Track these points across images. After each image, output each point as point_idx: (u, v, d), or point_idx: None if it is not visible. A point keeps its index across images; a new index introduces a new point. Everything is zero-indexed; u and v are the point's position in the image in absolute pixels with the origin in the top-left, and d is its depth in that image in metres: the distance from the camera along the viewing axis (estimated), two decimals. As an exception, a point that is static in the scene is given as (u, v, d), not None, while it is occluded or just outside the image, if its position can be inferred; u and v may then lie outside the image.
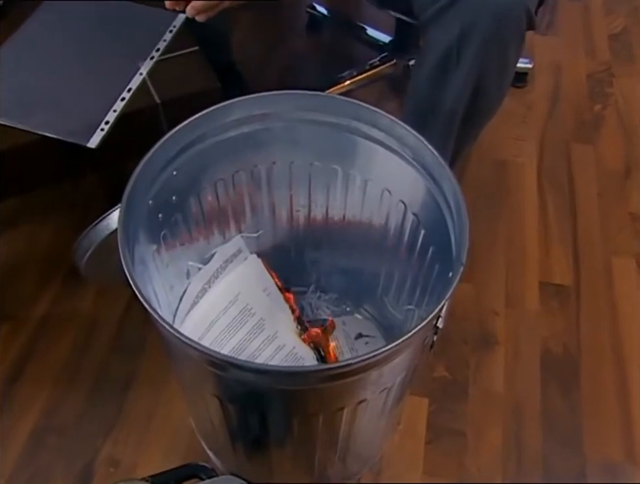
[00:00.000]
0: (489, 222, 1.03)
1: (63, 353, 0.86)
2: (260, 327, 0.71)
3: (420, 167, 0.63)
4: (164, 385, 0.83)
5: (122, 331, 0.88)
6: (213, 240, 0.75)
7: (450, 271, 0.55)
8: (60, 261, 0.92)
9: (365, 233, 0.76)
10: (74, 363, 0.85)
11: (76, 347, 0.87)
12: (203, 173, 0.68)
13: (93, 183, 0.99)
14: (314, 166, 0.71)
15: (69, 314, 0.89)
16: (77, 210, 0.97)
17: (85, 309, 0.90)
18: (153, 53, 0.80)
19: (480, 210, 1.03)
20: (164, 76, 0.80)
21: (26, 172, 0.88)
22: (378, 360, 0.50)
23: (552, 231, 1.02)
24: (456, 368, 0.87)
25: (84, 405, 0.82)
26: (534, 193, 1.07)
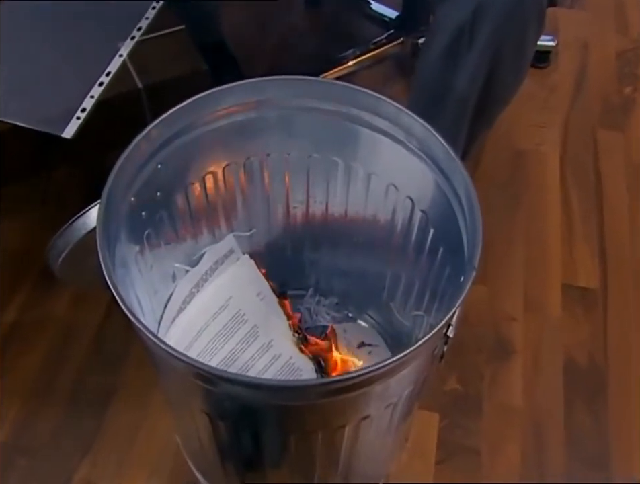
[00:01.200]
0: (506, 218, 1.04)
1: (35, 365, 0.86)
2: (253, 335, 0.72)
3: (428, 160, 0.64)
4: (148, 399, 0.84)
5: (100, 340, 0.89)
6: (202, 239, 0.75)
7: (462, 274, 0.56)
8: (32, 262, 0.93)
9: (369, 232, 0.77)
10: (47, 375, 0.86)
11: (50, 358, 0.87)
12: (190, 167, 0.69)
13: (68, 177, 0.99)
14: (312, 158, 0.72)
15: (42, 321, 0.90)
16: (51, 206, 0.98)
17: (59, 315, 0.91)
18: (134, 32, 0.80)
19: (496, 206, 1.04)
20: (146, 58, 0.81)
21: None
22: (384, 372, 0.51)
23: (577, 228, 1.03)
24: (470, 380, 0.88)
25: (58, 422, 0.83)
26: (556, 186, 1.08)
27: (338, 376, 0.54)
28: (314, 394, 0.51)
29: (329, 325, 0.82)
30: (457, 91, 0.79)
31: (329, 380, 0.53)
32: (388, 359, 0.49)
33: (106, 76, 0.76)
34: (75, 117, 0.72)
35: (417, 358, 0.55)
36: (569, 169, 1.10)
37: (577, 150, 1.13)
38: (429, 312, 0.72)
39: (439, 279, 0.68)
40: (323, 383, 0.52)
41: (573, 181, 1.09)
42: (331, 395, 0.51)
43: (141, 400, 0.84)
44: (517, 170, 1.10)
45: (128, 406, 0.84)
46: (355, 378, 0.49)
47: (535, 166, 1.11)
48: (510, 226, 1.03)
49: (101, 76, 0.76)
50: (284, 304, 0.77)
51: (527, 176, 1.09)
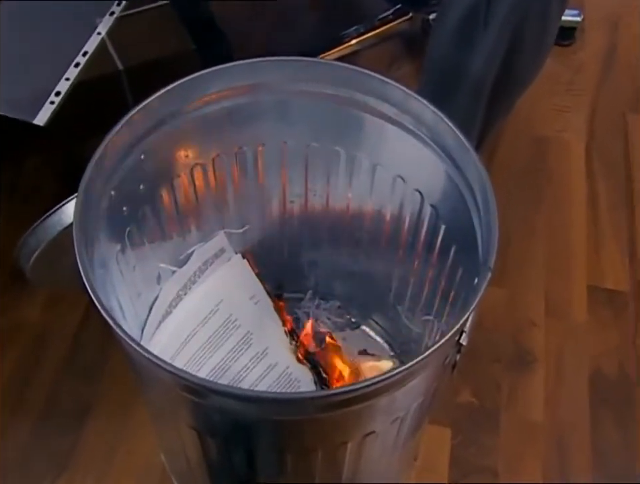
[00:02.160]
0: (526, 214, 1.04)
1: (4, 375, 0.87)
2: (247, 343, 0.73)
3: (439, 149, 0.64)
4: (129, 414, 0.85)
5: (77, 348, 0.90)
6: (190, 237, 0.76)
7: (476, 275, 0.56)
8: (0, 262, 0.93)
9: (373, 228, 0.77)
10: (17, 387, 0.86)
11: (21, 368, 0.88)
12: (177, 157, 0.69)
13: (41, 168, 1.00)
14: (311, 148, 0.73)
15: (12, 327, 0.90)
16: (21, 201, 0.98)
17: (31, 321, 0.91)
18: (114, 8, 0.80)
19: (514, 200, 1.04)
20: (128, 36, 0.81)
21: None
22: (390, 384, 0.51)
23: (604, 224, 1.04)
24: (485, 392, 0.88)
25: (30, 439, 0.83)
26: (581, 178, 1.08)
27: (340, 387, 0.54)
28: (314, 408, 0.52)
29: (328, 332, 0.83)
30: (472, 73, 0.80)
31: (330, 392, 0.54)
32: (395, 369, 0.50)
33: (83, 56, 0.76)
34: (48, 101, 0.72)
35: (426, 368, 0.55)
36: (596, 158, 1.11)
37: (604, 137, 1.13)
38: (440, 317, 0.72)
39: (451, 280, 0.68)
40: (323, 395, 0.53)
41: (600, 171, 1.09)
42: (331, 409, 0.52)
43: (122, 414, 0.85)
44: (538, 160, 1.10)
45: (107, 421, 0.84)
46: (358, 390, 0.50)
47: (558, 155, 1.11)
48: (530, 223, 1.03)
49: (77, 56, 0.76)
50: (281, 309, 0.77)
51: (549, 166, 1.10)
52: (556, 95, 1.17)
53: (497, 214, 0.57)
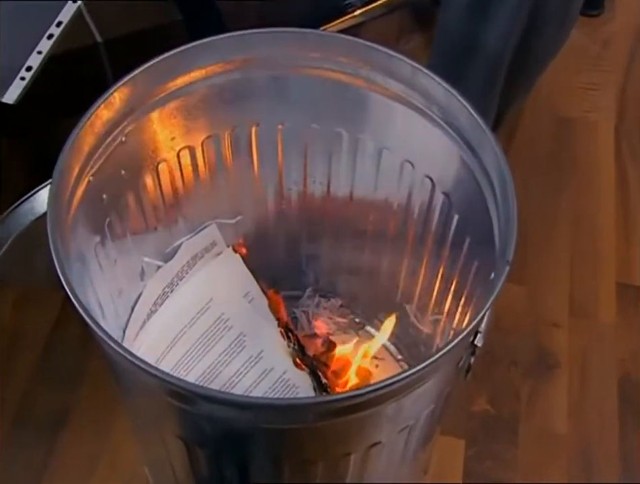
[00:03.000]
0: (548, 203, 1.04)
1: (-27, 381, 0.87)
2: (239, 345, 0.73)
3: (453, 131, 0.64)
4: (110, 423, 0.85)
5: (52, 352, 0.90)
6: (177, 229, 0.76)
7: (493, 271, 0.56)
8: (-33, 256, 0.94)
9: (379, 219, 0.77)
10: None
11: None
12: (162, 140, 0.69)
13: (11, 151, 1.00)
14: (311, 129, 0.73)
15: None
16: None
17: (1, 322, 0.91)
18: (92, -26, 0.81)
19: (535, 187, 1.04)
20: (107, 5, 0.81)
21: None
22: (397, 389, 0.51)
23: (635, 214, 1.04)
24: (503, 400, 0.88)
25: (1, 450, 0.83)
26: (609, 163, 1.09)
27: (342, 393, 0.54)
28: (314, 416, 0.52)
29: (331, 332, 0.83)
30: (488, 46, 0.80)
31: (331, 397, 0.54)
32: (403, 372, 0.50)
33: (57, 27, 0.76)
34: (19, 77, 0.72)
35: (437, 372, 0.55)
36: (626, 141, 1.11)
37: (635, 118, 1.13)
38: (453, 316, 0.72)
39: (465, 276, 0.68)
40: (323, 401, 0.53)
41: (630, 156, 1.09)
42: (333, 417, 0.52)
43: (102, 423, 0.85)
44: (562, 143, 1.10)
45: (86, 431, 0.85)
46: (362, 396, 0.50)
47: (584, 138, 1.11)
48: (553, 212, 1.03)
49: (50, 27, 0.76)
50: (277, 308, 0.77)
51: (574, 150, 1.10)
52: (583, 72, 1.17)
53: (516, 203, 0.57)
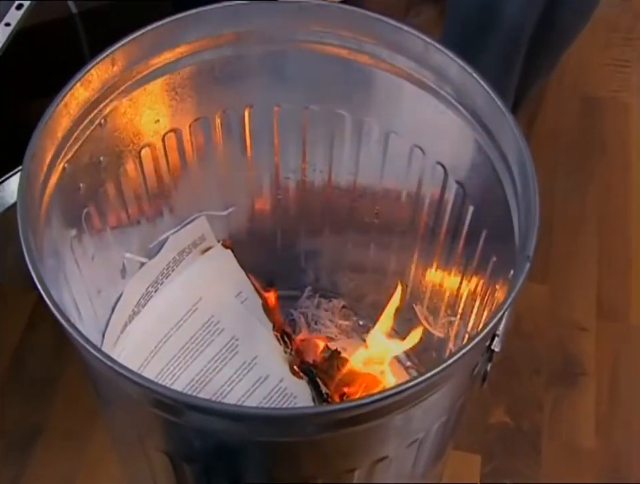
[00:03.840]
0: (574, 192, 1.04)
1: None
2: (231, 350, 0.73)
3: (468, 113, 0.64)
4: (86, 439, 0.85)
5: (23, 360, 0.90)
6: (161, 222, 0.76)
7: (512, 267, 0.56)
8: None
9: (386, 211, 0.77)
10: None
11: (-44, 382, 0.88)
12: (145, 123, 0.69)
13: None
14: (310, 111, 0.73)
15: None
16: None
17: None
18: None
19: (560, 175, 1.04)
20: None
21: None
22: (405, 399, 0.51)
23: (670, 205, 1.04)
24: (523, 411, 0.89)
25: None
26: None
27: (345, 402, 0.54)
28: (314, 428, 0.52)
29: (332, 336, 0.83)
30: (507, 18, 0.79)
31: (333, 407, 0.54)
32: (412, 380, 0.50)
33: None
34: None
35: (450, 379, 0.55)
36: (660, 124, 1.11)
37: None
38: (467, 318, 0.73)
39: (481, 274, 0.69)
40: (324, 412, 0.53)
41: (665, 140, 1.10)
42: (335, 429, 0.52)
43: (78, 439, 0.85)
44: (589, 126, 1.10)
45: (60, 448, 0.85)
46: (367, 406, 0.50)
47: (614, 120, 1.11)
48: (579, 203, 1.03)
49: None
50: (272, 309, 0.78)
51: (602, 134, 1.10)
52: (612, 47, 1.17)
53: (538, 192, 0.57)
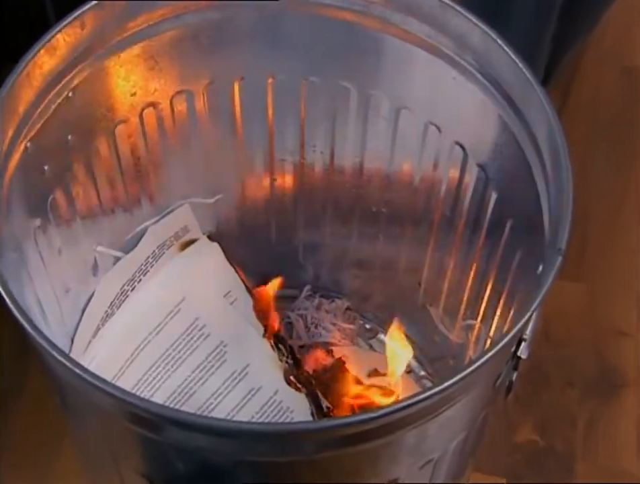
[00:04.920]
0: (613, 177, 1.04)
1: None
2: (219, 357, 0.73)
3: (491, 85, 0.64)
4: (52, 458, 0.85)
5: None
6: (139, 211, 0.76)
7: (541, 262, 0.56)
8: None
9: (396, 197, 0.78)
10: None
11: None
12: (120, 95, 0.69)
13: None
14: (310, 84, 0.73)
15: None
16: None
17: None
18: None
19: (597, 157, 1.04)
20: None
21: None
22: (418, 413, 0.51)
23: None
24: (554, 428, 0.89)
25: None
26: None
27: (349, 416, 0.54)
28: (313, 445, 0.52)
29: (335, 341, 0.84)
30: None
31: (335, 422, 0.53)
32: (426, 391, 0.50)
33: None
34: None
35: (470, 391, 0.55)
36: None
37: None
38: (490, 321, 0.73)
39: (505, 270, 0.68)
40: (325, 428, 0.52)
41: None
42: (338, 447, 0.52)
43: (42, 460, 0.85)
44: (630, 100, 1.10)
45: (22, 469, 0.85)
46: (374, 421, 0.49)
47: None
48: (619, 188, 1.04)
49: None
50: (266, 310, 0.78)
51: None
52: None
53: (572, 176, 0.57)
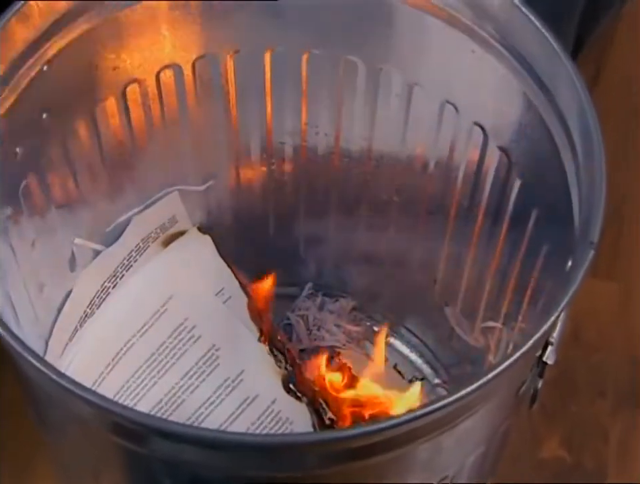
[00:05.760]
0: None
1: None
2: (210, 363, 0.73)
3: (514, 59, 0.64)
4: (27, 473, 0.86)
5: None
6: (122, 199, 0.76)
7: (570, 257, 0.56)
8: None
9: (409, 185, 0.78)
10: None
11: None
12: (101, 70, 0.69)
13: None
14: (312, 57, 0.73)
15: None
16: None
17: None
18: None
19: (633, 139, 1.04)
20: None
21: None
22: (432, 424, 0.51)
23: None
24: (584, 443, 0.89)
25: None
26: None
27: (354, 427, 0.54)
28: (315, 460, 0.52)
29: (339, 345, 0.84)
30: None
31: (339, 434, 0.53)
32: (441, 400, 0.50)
33: None
34: None
35: (490, 400, 0.55)
36: None
37: None
38: (512, 322, 0.73)
39: (529, 266, 0.68)
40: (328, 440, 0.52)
41: None
42: (342, 461, 0.52)
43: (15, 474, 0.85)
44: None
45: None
46: (382, 433, 0.49)
47: None
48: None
49: None
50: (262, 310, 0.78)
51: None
52: None
53: (606, 162, 0.57)
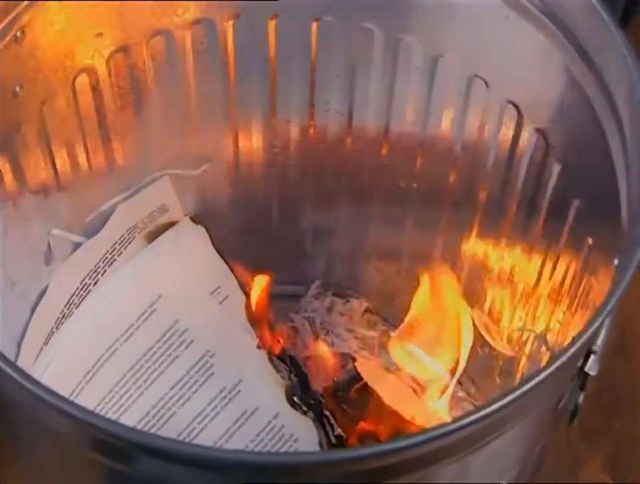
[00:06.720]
0: None
1: None
2: (204, 371, 0.74)
3: (555, 27, 0.64)
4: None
5: None
6: (104, 183, 0.77)
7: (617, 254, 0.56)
8: None
9: (431, 170, 0.78)
10: None
11: None
12: (82, 37, 0.69)
13: None
14: (323, 24, 0.73)
15: None
16: None
17: None
18: None
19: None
20: None
21: None
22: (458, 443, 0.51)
23: None
24: (629, 465, 0.89)
25: None
26: None
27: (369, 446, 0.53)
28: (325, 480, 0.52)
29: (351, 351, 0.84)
30: None
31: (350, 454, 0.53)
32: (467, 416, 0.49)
33: None
34: None
35: (524, 416, 0.56)
36: None
37: None
38: (548, 327, 0.73)
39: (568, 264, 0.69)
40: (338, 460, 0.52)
41: None
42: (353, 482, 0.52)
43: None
44: None
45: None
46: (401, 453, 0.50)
47: None
48: None
49: None
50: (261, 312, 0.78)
51: None
52: None
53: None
